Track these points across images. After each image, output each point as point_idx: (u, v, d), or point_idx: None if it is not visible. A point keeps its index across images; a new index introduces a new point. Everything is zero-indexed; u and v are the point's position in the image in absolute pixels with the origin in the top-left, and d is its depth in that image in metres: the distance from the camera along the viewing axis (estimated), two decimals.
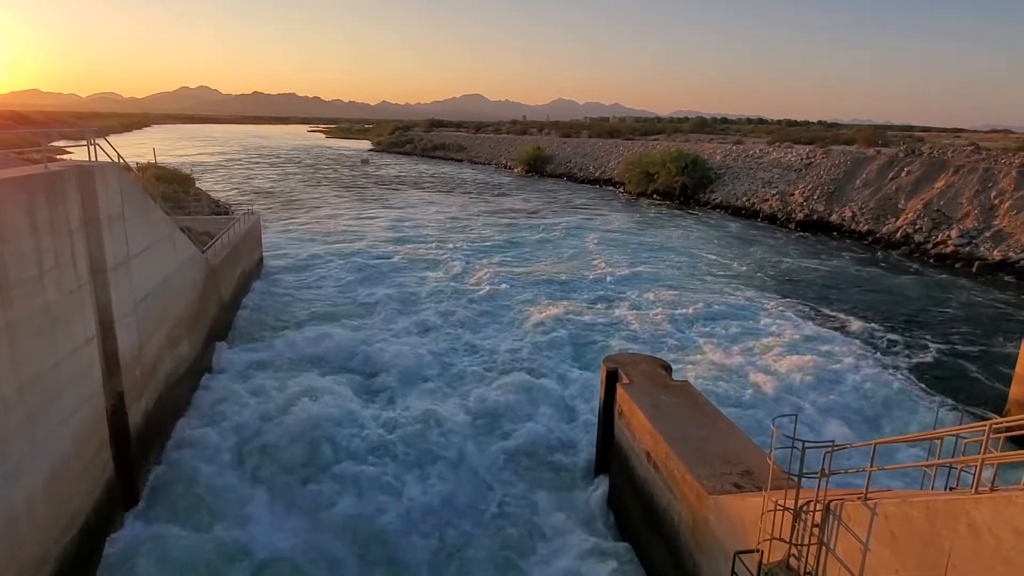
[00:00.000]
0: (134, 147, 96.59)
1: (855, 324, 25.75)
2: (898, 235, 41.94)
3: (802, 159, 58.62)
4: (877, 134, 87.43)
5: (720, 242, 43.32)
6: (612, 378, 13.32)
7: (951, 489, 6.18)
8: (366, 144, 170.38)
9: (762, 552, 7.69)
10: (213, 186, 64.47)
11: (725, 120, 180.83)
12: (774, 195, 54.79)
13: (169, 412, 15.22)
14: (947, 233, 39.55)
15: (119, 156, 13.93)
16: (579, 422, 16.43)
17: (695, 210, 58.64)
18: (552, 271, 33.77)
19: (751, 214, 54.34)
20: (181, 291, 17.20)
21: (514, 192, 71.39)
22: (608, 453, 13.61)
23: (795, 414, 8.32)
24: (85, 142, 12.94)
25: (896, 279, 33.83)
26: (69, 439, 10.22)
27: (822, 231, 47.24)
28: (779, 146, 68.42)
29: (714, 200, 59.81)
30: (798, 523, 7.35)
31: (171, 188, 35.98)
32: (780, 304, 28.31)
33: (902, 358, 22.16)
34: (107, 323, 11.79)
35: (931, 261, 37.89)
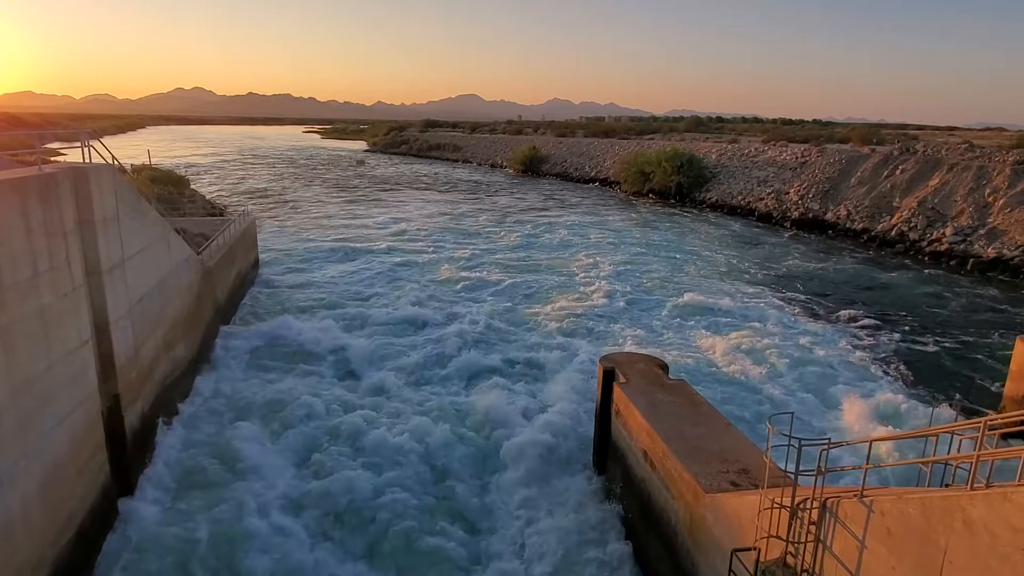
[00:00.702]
0: (129, 149, 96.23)
1: (849, 322, 25.86)
2: (893, 233, 42.05)
3: (797, 158, 58.74)
4: (872, 132, 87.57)
5: (720, 241, 43.42)
6: (609, 377, 13.33)
7: (947, 486, 6.19)
8: (362, 145, 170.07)
9: (759, 550, 7.72)
10: (208, 187, 64.26)
11: (720, 119, 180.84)
12: (769, 194, 54.91)
13: (166, 414, 15.18)
14: (942, 231, 39.67)
15: (113, 158, 13.89)
16: (578, 421, 16.37)
17: (691, 209, 58.72)
18: (544, 266, 34.30)
19: (747, 213, 54.43)
20: (176, 293, 17.15)
21: (510, 192, 71.37)
22: (605, 452, 13.62)
23: (791, 412, 8.32)
24: (79, 144, 12.91)
25: (891, 277, 33.94)
26: (64, 442, 10.18)
27: (817, 229, 47.31)
28: (774, 145, 68.48)
29: (710, 199, 59.87)
30: (795, 521, 7.37)
31: (166, 189, 35.85)
32: (774, 301, 28.44)
33: (897, 356, 22.24)
34: (102, 326, 11.75)
35: (926, 259, 37.98)
